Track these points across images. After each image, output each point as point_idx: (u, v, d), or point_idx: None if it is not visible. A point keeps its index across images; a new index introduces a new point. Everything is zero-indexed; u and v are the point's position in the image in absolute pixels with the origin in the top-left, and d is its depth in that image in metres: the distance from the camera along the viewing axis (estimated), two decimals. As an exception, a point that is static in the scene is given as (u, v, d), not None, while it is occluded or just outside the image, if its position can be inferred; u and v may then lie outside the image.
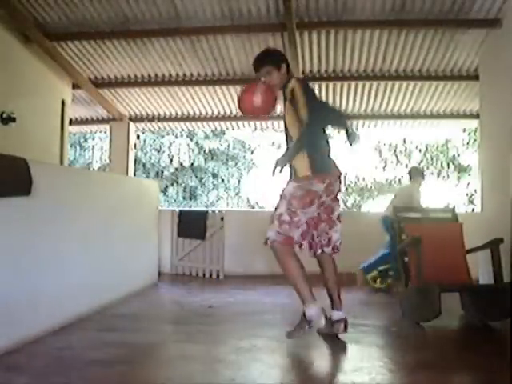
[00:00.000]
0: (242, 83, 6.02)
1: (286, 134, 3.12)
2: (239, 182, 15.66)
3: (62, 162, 5.98)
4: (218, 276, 5.94)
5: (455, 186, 14.18)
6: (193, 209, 11.87)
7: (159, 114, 7.16)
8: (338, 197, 3.15)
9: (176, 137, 14.70)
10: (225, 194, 15.42)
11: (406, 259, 3.99)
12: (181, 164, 14.78)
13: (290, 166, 3.04)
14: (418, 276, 3.55)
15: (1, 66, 4.81)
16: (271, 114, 3.26)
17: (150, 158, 14.86)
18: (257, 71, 3.17)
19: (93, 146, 14.74)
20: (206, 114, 7.05)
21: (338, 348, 2.93)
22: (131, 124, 7.23)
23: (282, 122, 3.25)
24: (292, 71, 3.26)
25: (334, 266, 3.16)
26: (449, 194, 13.78)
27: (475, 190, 12.33)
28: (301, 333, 3.00)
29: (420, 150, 14.62)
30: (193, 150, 14.88)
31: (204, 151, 15.13)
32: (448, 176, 14.33)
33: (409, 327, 3.55)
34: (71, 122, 6.70)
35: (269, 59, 3.15)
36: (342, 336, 3.02)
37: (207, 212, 6.19)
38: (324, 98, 6.41)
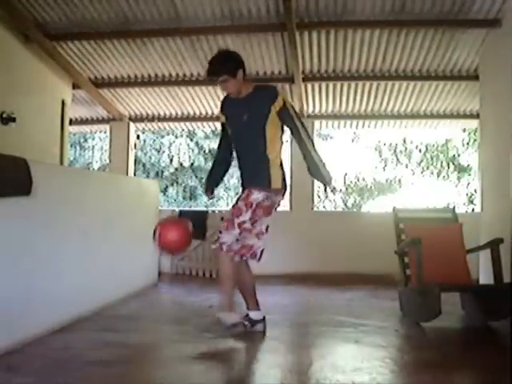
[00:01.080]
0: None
1: (253, 140, 3.10)
2: (239, 181, 15.65)
3: (62, 162, 5.97)
4: (218, 276, 5.93)
5: (455, 185, 14.18)
6: (193, 209, 11.87)
7: (159, 114, 7.15)
8: None
9: (176, 137, 14.70)
10: (225, 194, 15.41)
11: (406, 259, 4.00)
12: (181, 164, 14.77)
13: (265, 173, 3.10)
14: (418, 276, 3.55)
15: (1, 65, 4.80)
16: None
17: (150, 157, 14.86)
18: (211, 79, 3.12)
19: (93, 146, 14.73)
20: (206, 113, 7.05)
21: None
22: (131, 124, 7.22)
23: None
24: (246, 74, 3.18)
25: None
26: (449, 194, 13.79)
27: (475, 190, 12.33)
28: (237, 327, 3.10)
29: (420, 150, 14.62)
30: (193, 150, 14.87)
31: (204, 151, 15.11)
32: (448, 176, 14.33)
33: (409, 327, 3.55)
34: (71, 122, 6.69)
35: (224, 69, 3.03)
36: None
37: (207, 212, 6.19)
38: (324, 98, 6.42)
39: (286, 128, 3.19)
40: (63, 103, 6.07)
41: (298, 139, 3.12)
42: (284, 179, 3.17)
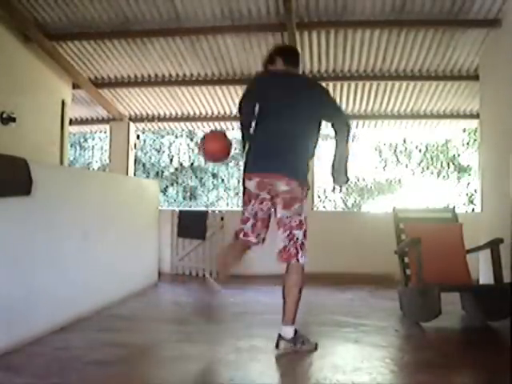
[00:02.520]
0: (242, 83, 6.03)
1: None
2: (239, 182, 15.63)
3: (62, 162, 5.97)
4: (218, 276, 5.92)
5: (455, 185, 14.17)
6: (193, 209, 11.86)
7: (159, 114, 7.15)
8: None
9: (176, 137, 14.70)
10: (225, 194, 15.41)
11: (407, 259, 4.00)
12: (181, 164, 14.77)
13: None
14: (418, 276, 3.55)
15: (1, 65, 4.80)
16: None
17: (150, 157, 14.86)
18: (294, 66, 3.20)
19: (93, 146, 14.73)
20: (206, 114, 7.05)
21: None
22: (131, 124, 7.22)
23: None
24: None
25: (289, 274, 2.84)
26: (449, 194, 13.78)
27: (475, 190, 12.33)
28: None
29: (420, 150, 14.61)
30: (193, 150, 14.87)
31: (204, 151, 15.11)
32: (448, 176, 14.33)
33: (409, 327, 3.55)
34: (71, 122, 6.69)
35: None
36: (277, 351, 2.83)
37: (207, 212, 6.19)
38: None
39: None
40: (63, 103, 6.06)
41: None
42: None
